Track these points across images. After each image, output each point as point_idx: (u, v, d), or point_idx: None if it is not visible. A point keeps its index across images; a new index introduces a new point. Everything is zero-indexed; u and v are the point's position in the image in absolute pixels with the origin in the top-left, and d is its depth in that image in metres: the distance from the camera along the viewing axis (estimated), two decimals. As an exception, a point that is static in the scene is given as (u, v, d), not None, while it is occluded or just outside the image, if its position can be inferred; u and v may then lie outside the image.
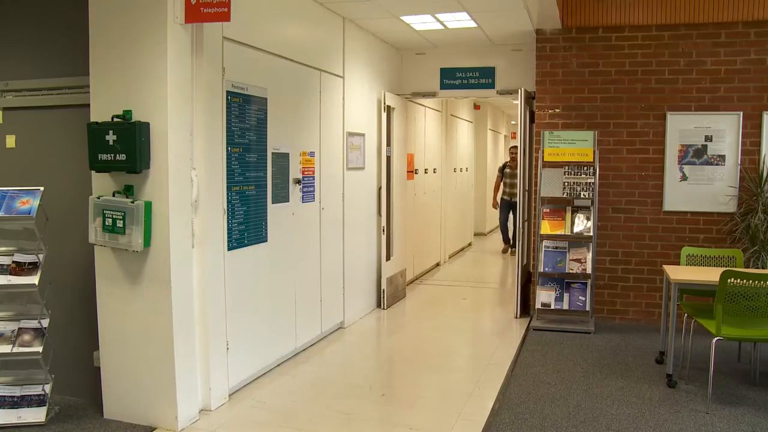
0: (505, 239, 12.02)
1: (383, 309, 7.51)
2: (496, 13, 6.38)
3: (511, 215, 11.43)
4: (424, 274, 9.74)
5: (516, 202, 8.59)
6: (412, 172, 8.78)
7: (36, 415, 4.29)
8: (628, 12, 6.78)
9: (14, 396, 4.35)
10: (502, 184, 11.65)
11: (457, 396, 4.83)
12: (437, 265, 10.57)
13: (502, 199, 11.59)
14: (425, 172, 9.61)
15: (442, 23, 6.80)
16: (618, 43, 6.86)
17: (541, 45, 7.07)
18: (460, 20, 6.68)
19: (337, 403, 4.67)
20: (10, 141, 4.83)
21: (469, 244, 12.92)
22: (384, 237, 7.56)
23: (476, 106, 13.63)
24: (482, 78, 7.96)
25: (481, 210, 14.20)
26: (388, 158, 7.60)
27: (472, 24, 6.81)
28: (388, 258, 7.61)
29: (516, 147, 10.00)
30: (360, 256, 7.06)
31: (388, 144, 7.63)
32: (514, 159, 11.25)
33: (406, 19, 6.65)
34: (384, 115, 7.48)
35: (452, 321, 7.18)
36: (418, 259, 9.39)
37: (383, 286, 7.49)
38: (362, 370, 5.48)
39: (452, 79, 8.06)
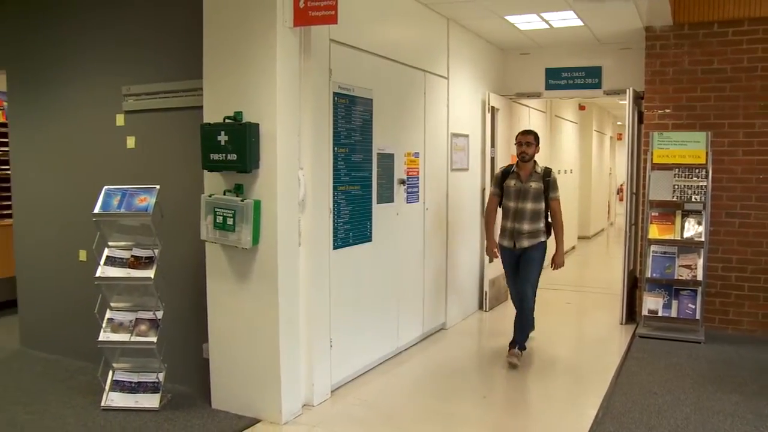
0: (522, 330, 5.66)
1: (485, 311, 7.45)
2: (604, 11, 6.21)
3: (527, 272, 5.62)
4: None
5: (539, 246, 5.61)
6: (515, 173, 8.65)
7: (151, 400, 4.51)
8: (747, 5, 6.42)
9: (132, 381, 4.59)
10: (500, 211, 5.80)
11: (559, 402, 4.74)
12: (540, 268, 10.34)
13: (501, 246, 5.76)
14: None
15: (547, 23, 6.68)
16: (735, 38, 6.52)
17: (651, 43, 6.82)
18: (566, 19, 6.55)
19: (438, 404, 4.66)
20: (131, 142, 5.09)
21: (573, 248, 12.61)
22: (487, 239, 7.47)
23: (581, 107, 13.31)
24: (588, 78, 7.77)
25: (585, 213, 13.84)
26: (492, 159, 7.53)
27: (579, 23, 6.66)
28: (491, 260, 7.52)
29: (529, 134, 5.70)
30: (463, 257, 7.03)
31: (492, 145, 7.56)
32: (526, 155, 5.60)
33: (511, 19, 6.57)
34: (488, 116, 7.42)
35: (555, 325, 7.04)
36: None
37: (486, 288, 7.43)
38: (463, 372, 5.46)
39: (557, 79, 7.90)
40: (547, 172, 5.66)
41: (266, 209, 4.12)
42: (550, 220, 5.70)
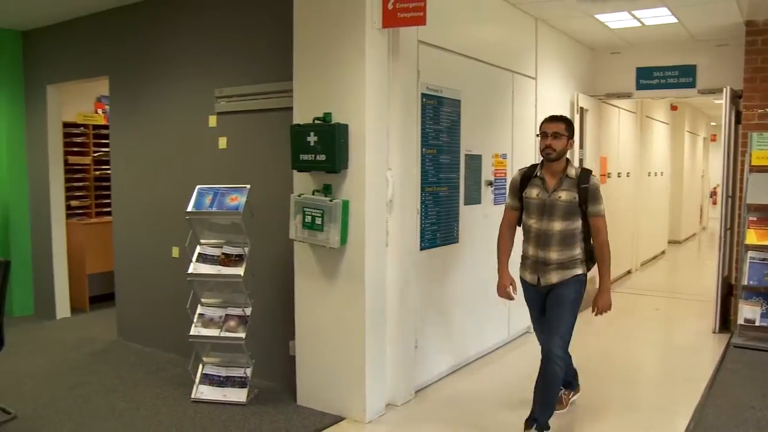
0: (544, 402, 4.05)
1: (571, 315, 7.29)
2: (701, 6, 5.97)
3: (556, 320, 4.04)
4: (615, 282, 9.31)
5: (573, 281, 3.99)
6: (604, 175, 8.44)
7: (238, 395, 4.61)
8: None
9: (220, 376, 4.71)
10: (522, 232, 4.21)
11: (646, 411, 4.59)
12: (628, 272, 10.08)
13: (523, 281, 4.24)
14: (618, 176, 9.19)
15: (639, 20, 6.49)
16: None
17: (752, 38, 6.50)
18: (659, 16, 6.34)
19: (523, 409, 4.57)
20: (222, 142, 5.22)
21: (663, 252, 12.22)
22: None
23: (673, 107, 12.86)
24: (681, 77, 7.50)
25: (676, 216, 13.37)
26: (581, 161, 7.37)
27: (672, 20, 6.44)
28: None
29: (558, 121, 4.03)
30: (548, 260, 6.88)
31: (581, 146, 7.40)
32: (552, 152, 3.95)
33: (601, 17, 6.41)
34: (576, 117, 7.26)
35: (643, 332, 6.83)
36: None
37: (571, 292, 7.26)
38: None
39: (649, 78, 7.66)
40: (585, 175, 4.00)
41: (354, 209, 4.15)
42: (592, 242, 4.08)
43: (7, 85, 7.07)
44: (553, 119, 4.06)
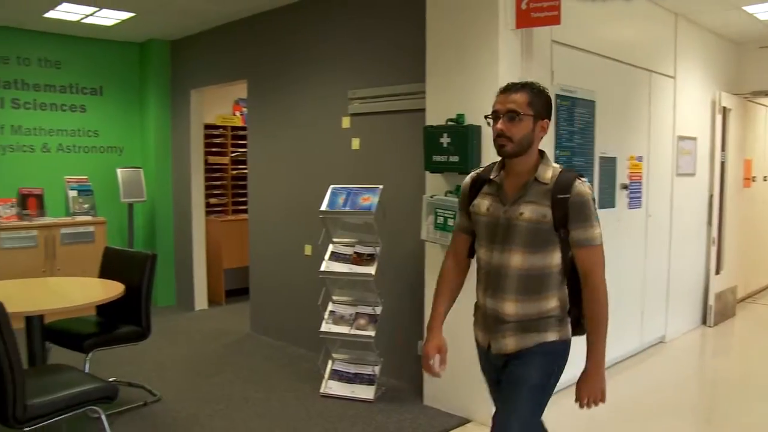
0: None
1: (709, 326, 6.91)
2: None
3: (514, 402, 2.55)
4: (758, 293, 8.73)
5: (541, 351, 2.54)
6: (749, 179, 7.96)
7: (366, 392, 4.70)
8: None
9: (349, 372, 4.81)
10: (476, 266, 2.69)
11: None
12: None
13: (476, 341, 2.81)
14: (764, 180, 8.64)
15: (795, 11, 6.06)
16: None
17: None
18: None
19: (654, 421, 4.42)
20: (355, 143, 5.33)
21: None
22: (714, 249, 6.95)
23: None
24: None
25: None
26: (722, 164, 6.99)
27: (836, 7, 5.96)
28: (717, 272, 6.99)
29: (515, 90, 2.48)
30: (686, 268, 6.57)
31: (723, 149, 7.00)
32: (506, 143, 2.45)
33: (750, 9, 6.04)
34: (718, 117, 6.89)
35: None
36: (752, 275, 8.44)
37: (710, 301, 6.90)
38: (683, 390, 5.11)
39: (804, 74, 7.15)
40: (566, 180, 2.50)
41: (485, 211, 4.11)
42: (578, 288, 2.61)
43: (156, 90, 7.57)
44: (509, 89, 2.52)
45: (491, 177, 2.60)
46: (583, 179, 2.53)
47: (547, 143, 4.45)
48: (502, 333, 2.58)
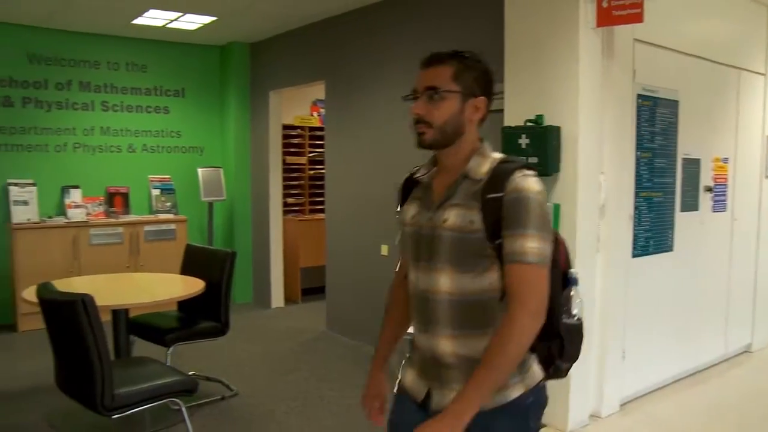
0: None
1: (799, 336, 6.63)
2: None
3: None
4: None
5: (514, 412, 1.85)
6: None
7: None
8: None
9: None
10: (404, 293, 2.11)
11: None
12: None
13: (400, 388, 2.14)
14: None
15: None
16: None
17: None
18: None
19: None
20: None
21: None
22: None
23: None
24: None
25: None
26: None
27: None
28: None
29: (437, 63, 1.99)
30: (774, 274, 6.32)
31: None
32: (425, 130, 2.00)
33: None
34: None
35: None
36: None
37: (802, 309, 6.61)
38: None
39: None
40: (503, 173, 1.84)
41: (565, 213, 4.06)
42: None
43: (237, 92, 7.76)
44: (430, 61, 2.00)
45: (417, 176, 2.07)
46: (529, 171, 1.84)
47: (627, 145, 4.36)
48: (448, 383, 1.87)
